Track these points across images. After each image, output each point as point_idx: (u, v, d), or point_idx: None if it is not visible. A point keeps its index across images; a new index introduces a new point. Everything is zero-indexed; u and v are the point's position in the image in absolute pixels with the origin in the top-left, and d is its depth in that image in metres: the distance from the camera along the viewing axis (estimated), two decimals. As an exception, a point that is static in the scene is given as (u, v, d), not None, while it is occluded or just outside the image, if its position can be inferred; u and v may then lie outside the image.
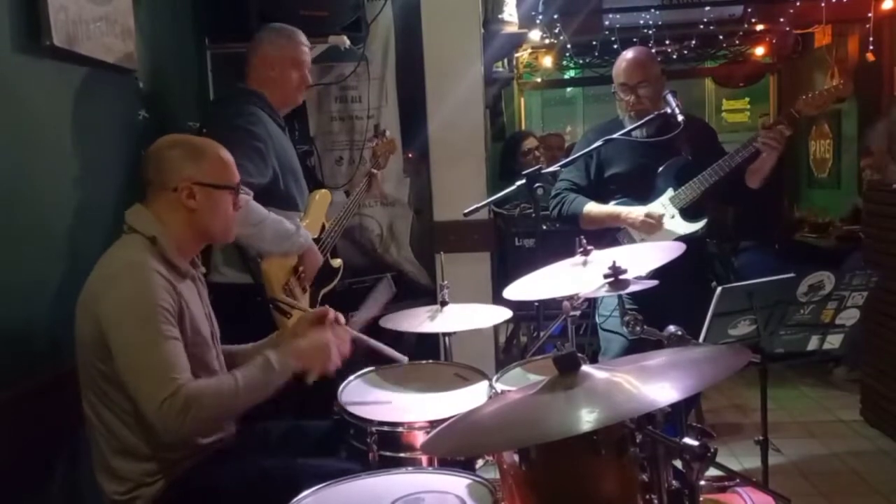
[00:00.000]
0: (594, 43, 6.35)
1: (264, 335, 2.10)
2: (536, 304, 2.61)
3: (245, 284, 2.49)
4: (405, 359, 2.12)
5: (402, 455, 1.81)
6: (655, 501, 1.27)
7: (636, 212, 2.82)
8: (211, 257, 2.51)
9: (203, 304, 1.92)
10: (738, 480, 1.82)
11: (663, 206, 2.84)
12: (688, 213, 2.83)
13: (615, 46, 5.80)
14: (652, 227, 2.80)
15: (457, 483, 1.48)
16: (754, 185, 2.81)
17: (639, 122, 2.78)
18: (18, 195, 1.89)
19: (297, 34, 2.69)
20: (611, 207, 2.89)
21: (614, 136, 2.74)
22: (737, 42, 6.90)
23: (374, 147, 3.19)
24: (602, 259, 2.07)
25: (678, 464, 1.21)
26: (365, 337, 2.08)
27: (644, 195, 2.87)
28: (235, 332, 2.08)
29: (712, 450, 1.14)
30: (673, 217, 2.83)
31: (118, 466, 1.75)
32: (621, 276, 1.86)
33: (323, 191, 2.83)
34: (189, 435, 1.71)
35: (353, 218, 3.58)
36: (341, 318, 2.01)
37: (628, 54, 2.92)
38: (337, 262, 2.91)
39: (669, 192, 2.84)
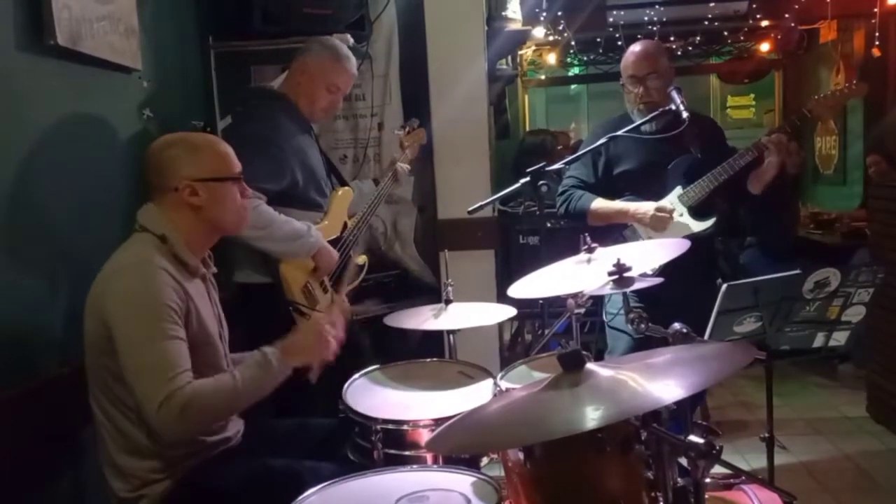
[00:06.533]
0: (598, 40, 6.33)
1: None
2: (541, 301, 2.61)
3: (267, 284, 2.49)
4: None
5: (406, 453, 1.81)
6: (661, 499, 1.26)
7: (645, 207, 2.81)
8: (234, 258, 2.51)
9: (212, 304, 1.92)
10: (743, 478, 1.82)
11: (672, 204, 2.82)
12: (696, 212, 2.81)
13: (619, 43, 5.78)
14: (662, 222, 2.78)
15: (461, 481, 1.48)
16: (756, 190, 2.80)
17: (647, 117, 2.78)
18: (22, 194, 1.89)
19: (347, 60, 2.68)
20: (619, 204, 2.88)
21: (619, 132, 2.73)
22: (741, 38, 6.87)
23: (401, 136, 3.12)
24: (606, 256, 2.06)
25: (683, 461, 1.20)
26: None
27: (653, 193, 2.85)
28: (258, 334, 2.00)
29: (718, 447, 1.14)
30: (682, 215, 2.81)
31: (124, 464, 1.75)
32: (625, 274, 1.86)
33: (345, 188, 2.80)
34: (189, 434, 1.72)
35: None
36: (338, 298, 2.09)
37: (637, 46, 2.91)
38: (361, 259, 2.87)
39: (678, 190, 2.83)
